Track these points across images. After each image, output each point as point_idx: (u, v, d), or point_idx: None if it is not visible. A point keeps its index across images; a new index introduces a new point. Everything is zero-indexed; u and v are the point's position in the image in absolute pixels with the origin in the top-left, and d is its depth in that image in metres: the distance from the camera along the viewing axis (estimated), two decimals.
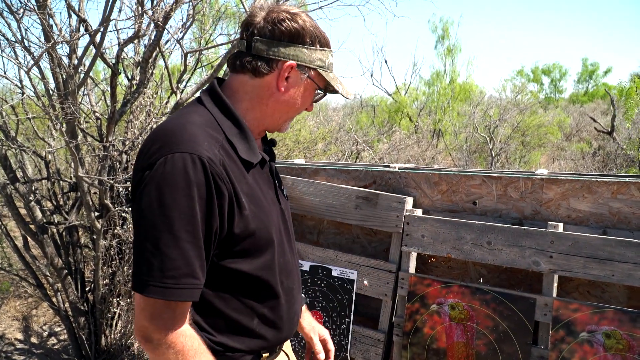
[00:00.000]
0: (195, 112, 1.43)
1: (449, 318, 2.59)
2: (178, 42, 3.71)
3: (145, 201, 1.28)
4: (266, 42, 1.43)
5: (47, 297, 4.55)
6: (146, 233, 1.27)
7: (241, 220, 1.36)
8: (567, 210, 2.51)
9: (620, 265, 2.25)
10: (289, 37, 1.44)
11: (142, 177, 1.30)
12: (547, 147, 15.22)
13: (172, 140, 1.31)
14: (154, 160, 1.29)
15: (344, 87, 1.57)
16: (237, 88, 1.49)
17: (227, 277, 1.42)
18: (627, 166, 10.42)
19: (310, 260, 3.00)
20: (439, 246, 2.65)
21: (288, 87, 1.48)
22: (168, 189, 1.26)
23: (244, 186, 1.39)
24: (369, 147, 9.84)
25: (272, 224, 1.48)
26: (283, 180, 3.05)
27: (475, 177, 2.70)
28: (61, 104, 3.07)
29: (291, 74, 1.46)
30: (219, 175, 1.30)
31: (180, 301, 1.28)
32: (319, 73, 1.50)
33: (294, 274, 1.62)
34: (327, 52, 1.51)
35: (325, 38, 1.51)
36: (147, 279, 1.25)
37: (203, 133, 1.35)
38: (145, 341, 1.31)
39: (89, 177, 3.48)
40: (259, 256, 1.44)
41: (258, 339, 1.50)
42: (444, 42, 17.87)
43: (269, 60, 1.44)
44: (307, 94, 1.52)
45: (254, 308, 1.47)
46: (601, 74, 35.95)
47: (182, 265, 1.26)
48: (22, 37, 2.94)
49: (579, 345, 2.30)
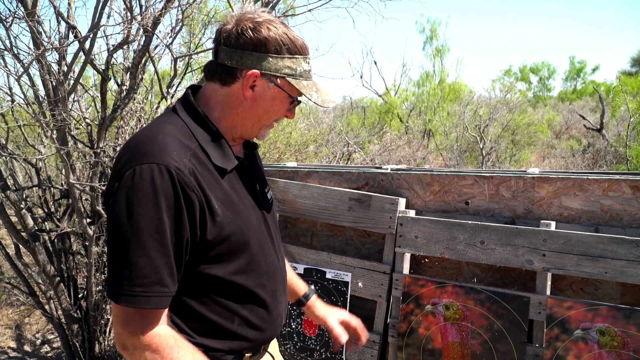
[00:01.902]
0: (167, 122, 1.44)
1: (444, 318, 2.59)
2: (167, 47, 3.69)
3: (115, 212, 1.30)
4: (230, 51, 1.43)
5: (39, 305, 4.52)
6: (116, 243, 1.30)
7: (214, 226, 1.37)
8: (559, 208, 2.52)
9: (613, 262, 2.26)
10: (252, 46, 1.42)
11: (112, 187, 1.33)
12: (537, 146, 15.28)
13: (140, 151, 1.33)
14: (123, 171, 1.32)
15: (320, 95, 1.53)
16: (209, 96, 1.50)
17: (203, 282, 1.43)
18: (617, 163, 10.48)
19: (304, 263, 3.00)
20: (432, 247, 2.66)
21: (255, 96, 1.46)
22: (136, 200, 1.28)
23: (218, 192, 1.40)
24: (360, 149, 9.85)
25: (249, 228, 1.48)
26: (274, 183, 3.05)
27: (467, 177, 2.71)
28: (51, 111, 3.06)
29: (257, 82, 1.45)
30: (187, 184, 1.31)
31: (148, 309, 1.31)
32: (288, 81, 1.47)
33: (278, 275, 1.62)
34: (298, 59, 1.47)
35: (297, 45, 1.47)
36: (118, 287, 1.29)
37: (174, 142, 1.36)
38: (122, 349, 1.35)
39: (81, 183, 3.46)
40: (234, 260, 1.45)
41: (239, 340, 1.51)
42: (433, 42, 17.90)
43: (233, 69, 1.44)
44: (278, 102, 1.50)
45: (233, 310, 1.48)
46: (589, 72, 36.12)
47: (150, 273, 1.28)
48: (11, 44, 2.92)
49: (574, 342, 2.31)
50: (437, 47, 17.57)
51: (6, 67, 3.25)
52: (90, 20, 2.93)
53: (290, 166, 3.22)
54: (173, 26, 3.82)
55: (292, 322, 3.03)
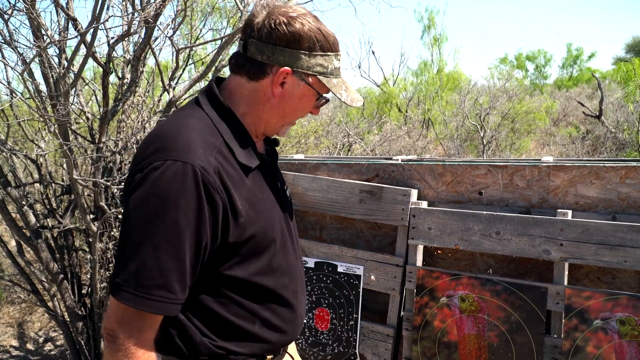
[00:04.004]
0: (192, 116, 1.39)
1: (460, 310, 2.55)
2: (169, 39, 3.63)
3: (132, 206, 1.26)
4: (261, 46, 1.37)
5: (42, 303, 4.48)
6: (129, 237, 1.25)
7: (237, 228, 1.33)
8: (574, 197, 2.48)
9: (633, 251, 2.22)
10: (285, 42, 1.36)
11: (133, 181, 1.28)
12: (536, 133, 15.26)
13: (165, 146, 1.28)
14: (145, 164, 1.27)
15: (349, 94, 1.47)
16: (234, 90, 1.45)
17: (224, 283, 1.39)
18: (617, 149, 10.45)
19: (314, 256, 2.96)
20: (446, 238, 2.62)
21: (283, 94, 1.41)
22: (155, 197, 1.23)
23: (242, 191, 1.35)
24: (360, 139, 9.80)
25: (272, 228, 1.44)
26: (284, 177, 3.00)
27: (481, 166, 2.66)
28: (53, 106, 3.00)
29: (287, 79, 1.39)
30: (211, 185, 1.26)
31: (151, 312, 1.25)
32: (318, 79, 1.42)
33: (298, 276, 1.58)
34: (330, 56, 1.42)
35: (330, 42, 1.41)
36: (122, 283, 1.23)
37: (199, 138, 1.31)
38: (109, 339, 1.27)
39: (84, 179, 3.40)
40: (257, 261, 1.41)
41: (261, 343, 1.47)
42: (430, 31, 17.82)
43: (263, 65, 1.38)
44: (306, 100, 1.45)
45: (255, 312, 1.44)
46: (585, 59, 36.07)
47: (156, 276, 1.23)
48: (10, 37, 2.85)
49: (593, 333, 2.27)
50: (435, 36, 17.51)
51: (3, 59, 3.18)
52: (90, 12, 2.86)
53: (297, 158, 3.17)
54: (174, 17, 3.76)
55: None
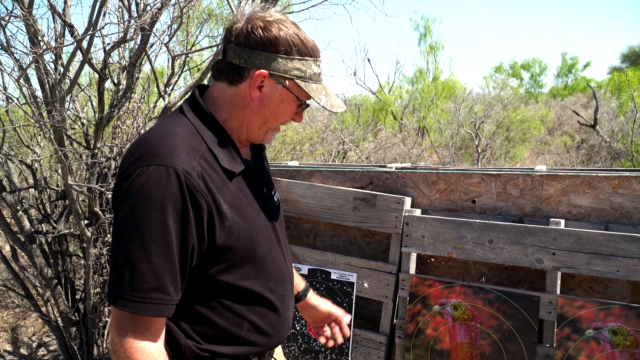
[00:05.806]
0: (175, 123, 1.40)
1: (452, 318, 2.56)
2: (165, 46, 3.64)
3: (120, 213, 1.28)
4: (239, 50, 1.39)
5: (36, 308, 4.46)
6: (120, 245, 1.27)
7: (223, 231, 1.34)
8: (567, 206, 2.49)
9: (625, 261, 2.24)
10: (262, 46, 1.38)
11: (120, 188, 1.31)
12: (530, 142, 15.31)
13: (149, 153, 1.30)
14: (130, 172, 1.29)
15: (329, 99, 1.48)
16: (217, 96, 1.46)
17: (212, 287, 1.40)
18: (612, 159, 10.49)
19: (308, 263, 2.96)
20: (439, 246, 2.63)
21: (262, 97, 1.42)
22: (141, 202, 1.25)
23: (227, 196, 1.36)
24: (355, 147, 9.82)
25: (257, 232, 1.45)
26: (278, 183, 3.01)
27: (474, 175, 2.67)
28: (49, 112, 3.00)
29: (264, 83, 1.41)
30: (195, 188, 1.28)
31: (147, 315, 1.27)
32: (296, 83, 1.43)
33: (286, 280, 1.59)
34: (308, 61, 1.43)
35: (308, 47, 1.43)
36: (118, 291, 1.25)
37: (182, 144, 1.33)
38: (113, 353, 1.31)
39: (78, 184, 3.40)
40: (243, 265, 1.42)
41: (247, 346, 1.48)
42: (426, 39, 17.90)
43: (241, 69, 1.40)
44: (286, 104, 1.46)
45: (242, 315, 1.45)
46: (581, 68, 36.31)
47: (150, 279, 1.25)
48: (7, 44, 2.86)
49: (585, 342, 2.28)
50: (431, 44, 17.58)
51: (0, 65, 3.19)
52: (87, 18, 2.87)
53: (292, 165, 3.17)
54: (170, 24, 3.77)
55: (296, 324, 2.99)
